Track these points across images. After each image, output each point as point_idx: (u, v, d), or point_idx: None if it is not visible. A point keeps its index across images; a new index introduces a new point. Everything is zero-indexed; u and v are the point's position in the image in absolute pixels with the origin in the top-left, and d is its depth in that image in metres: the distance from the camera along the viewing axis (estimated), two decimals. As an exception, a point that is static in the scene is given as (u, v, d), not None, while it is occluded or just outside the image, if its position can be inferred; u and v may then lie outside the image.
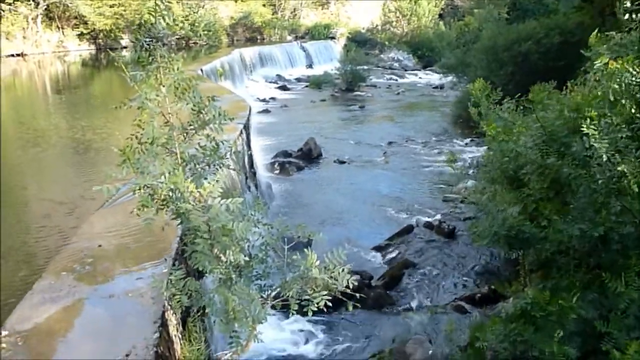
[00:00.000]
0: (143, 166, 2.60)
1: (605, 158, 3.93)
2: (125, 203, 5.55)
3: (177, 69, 2.77)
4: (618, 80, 4.03)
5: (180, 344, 3.81)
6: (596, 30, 5.08)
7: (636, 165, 4.00)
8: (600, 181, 4.29)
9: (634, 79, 4.01)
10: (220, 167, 2.92)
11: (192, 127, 2.93)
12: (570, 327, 3.99)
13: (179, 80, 2.78)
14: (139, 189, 2.65)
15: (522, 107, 5.95)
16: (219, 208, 2.51)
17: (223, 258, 2.78)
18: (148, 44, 2.70)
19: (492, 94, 5.16)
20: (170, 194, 2.60)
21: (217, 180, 2.58)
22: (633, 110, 4.16)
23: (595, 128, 3.90)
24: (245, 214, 3.04)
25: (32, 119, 14.80)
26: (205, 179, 2.72)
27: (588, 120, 3.90)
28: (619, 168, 3.95)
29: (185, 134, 2.93)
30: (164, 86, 2.76)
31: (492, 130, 5.39)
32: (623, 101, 4.09)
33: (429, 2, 44.65)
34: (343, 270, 2.72)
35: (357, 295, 3.04)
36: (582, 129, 3.93)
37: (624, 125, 4.13)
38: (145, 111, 2.71)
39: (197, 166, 2.92)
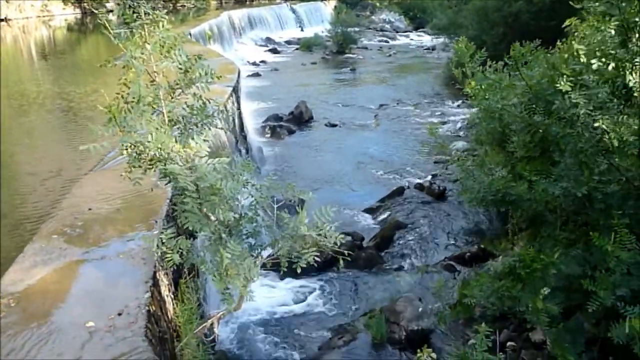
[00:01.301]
0: (130, 125, 2.58)
1: (582, 112, 3.94)
2: (114, 167, 5.54)
3: (163, 26, 2.72)
4: (586, 41, 4.03)
5: (173, 304, 3.86)
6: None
7: (616, 122, 4.02)
8: (584, 139, 4.31)
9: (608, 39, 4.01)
10: (208, 127, 2.90)
11: (178, 85, 2.89)
12: (553, 283, 4.06)
13: (165, 38, 2.74)
14: (126, 149, 2.63)
15: (509, 67, 5.92)
16: (206, 168, 2.50)
17: (212, 217, 2.79)
18: (132, 1, 2.65)
19: (478, 53, 5.09)
20: (158, 153, 2.59)
21: (204, 140, 2.57)
22: (610, 69, 4.16)
23: (571, 85, 3.90)
24: (235, 173, 3.04)
25: (18, 84, 14.55)
26: (192, 138, 2.70)
27: (564, 77, 3.90)
28: (596, 124, 3.98)
29: (172, 93, 2.90)
30: (149, 44, 2.72)
31: (472, 89, 5.37)
32: (594, 60, 4.07)
33: (421, -39, 43.80)
34: (331, 227, 2.73)
35: (346, 253, 3.07)
36: (557, 86, 3.93)
37: (603, 84, 4.13)
38: (131, 70, 2.67)
39: (186, 125, 2.89)
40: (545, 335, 5.03)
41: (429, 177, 10.80)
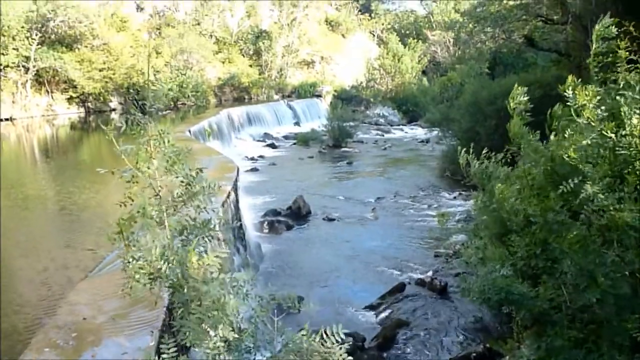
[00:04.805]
0: (134, 239, 2.59)
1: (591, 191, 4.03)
2: (112, 272, 5.47)
3: (168, 142, 2.81)
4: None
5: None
6: (569, 80, 5.22)
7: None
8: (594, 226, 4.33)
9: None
10: (210, 240, 2.90)
11: (181, 199, 2.93)
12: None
13: (170, 153, 2.81)
14: (129, 262, 2.62)
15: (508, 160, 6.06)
16: (213, 283, 2.48)
17: (212, 333, 2.71)
18: (140, 119, 2.75)
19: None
20: (165, 266, 2.57)
21: (216, 256, 2.56)
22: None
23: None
24: (235, 284, 3.00)
25: (19, 184, 14.71)
26: (206, 252, 2.70)
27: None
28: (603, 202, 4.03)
29: (175, 207, 2.93)
30: (154, 159, 2.79)
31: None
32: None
33: (411, 59, 46.04)
34: (340, 348, 2.65)
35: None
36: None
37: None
38: (137, 184, 2.72)
39: (189, 237, 2.90)
40: None
41: (430, 272, 10.66)
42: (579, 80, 5.00)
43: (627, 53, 4.65)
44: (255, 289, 3.33)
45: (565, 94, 4.84)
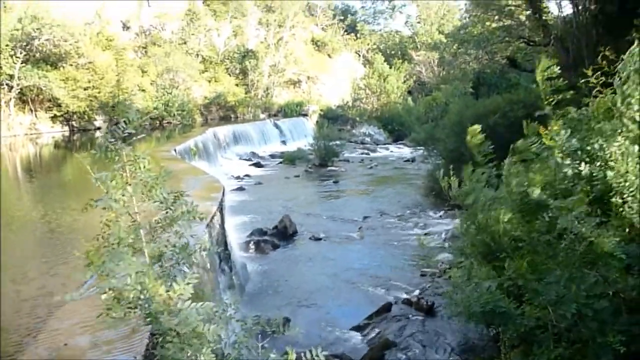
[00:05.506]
0: (109, 269, 2.52)
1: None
2: (94, 295, 5.35)
3: (144, 167, 2.75)
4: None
5: None
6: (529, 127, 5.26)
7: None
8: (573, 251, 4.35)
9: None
10: (189, 266, 2.85)
11: (160, 224, 2.88)
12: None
13: (146, 178, 2.76)
14: (104, 293, 2.55)
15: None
16: (188, 312, 2.42)
17: (193, 361, 2.65)
18: (113, 144, 2.70)
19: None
20: (139, 296, 2.51)
21: (187, 283, 2.51)
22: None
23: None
24: (218, 310, 2.94)
25: (2, 205, 14.46)
26: (175, 280, 2.63)
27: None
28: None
29: (153, 232, 2.87)
30: (130, 185, 2.73)
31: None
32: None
33: (397, 79, 46.51)
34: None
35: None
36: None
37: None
38: (112, 211, 2.66)
39: (166, 264, 2.84)
40: None
41: (417, 292, 10.62)
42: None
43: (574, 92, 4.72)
44: (240, 311, 3.27)
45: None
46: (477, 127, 5.37)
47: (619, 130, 4.25)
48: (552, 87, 4.67)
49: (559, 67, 4.83)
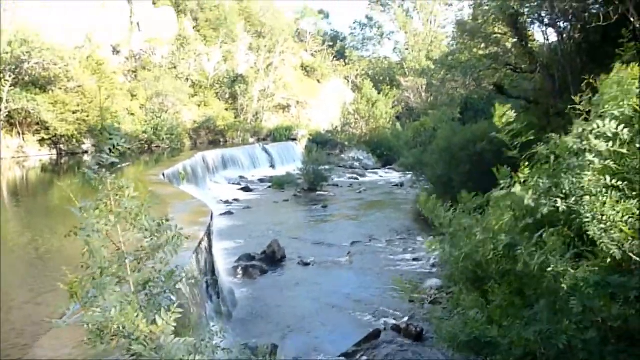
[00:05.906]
0: (91, 300, 2.48)
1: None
2: (79, 323, 5.25)
3: (129, 195, 2.73)
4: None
5: None
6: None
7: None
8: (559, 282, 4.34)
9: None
10: (175, 293, 2.80)
11: (145, 251, 2.84)
12: None
13: (131, 206, 2.73)
14: (87, 325, 2.50)
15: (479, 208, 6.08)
16: (172, 346, 2.37)
17: (178, 393, 2.59)
18: (97, 173, 2.67)
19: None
20: (121, 328, 2.45)
21: (170, 317, 2.46)
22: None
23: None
24: (204, 339, 2.89)
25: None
26: (159, 310, 2.58)
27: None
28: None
29: (139, 260, 2.83)
30: (112, 212, 2.70)
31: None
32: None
33: (385, 104, 46.95)
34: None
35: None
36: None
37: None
38: (94, 240, 2.62)
39: (152, 291, 2.79)
40: None
41: (406, 318, 10.55)
42: (548, 126, 5.12)
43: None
44: (228, 338, 3.22)
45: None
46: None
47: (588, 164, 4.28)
48: (512, 131, 4.69)
49: (545, 93, 4.88)
